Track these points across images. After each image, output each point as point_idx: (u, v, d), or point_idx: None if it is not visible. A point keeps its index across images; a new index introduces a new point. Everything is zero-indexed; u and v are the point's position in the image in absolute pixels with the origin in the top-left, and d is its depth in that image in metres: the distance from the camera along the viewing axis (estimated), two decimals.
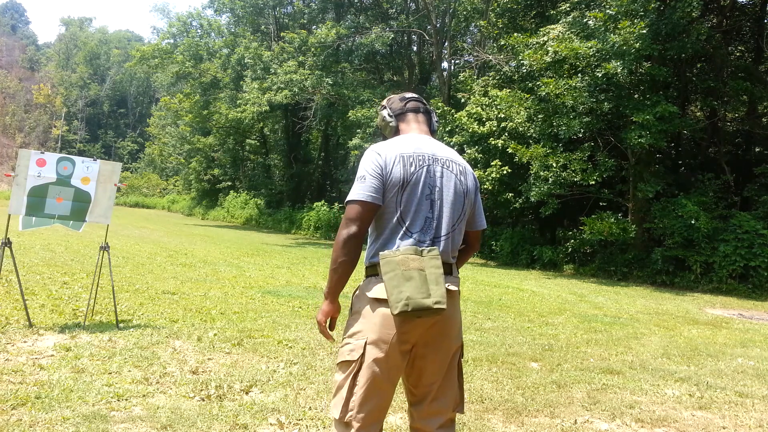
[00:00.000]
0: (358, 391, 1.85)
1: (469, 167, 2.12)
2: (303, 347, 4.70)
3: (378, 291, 1.88)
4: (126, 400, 3.22)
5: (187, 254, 11.48)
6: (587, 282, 12.54)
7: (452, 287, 1.94)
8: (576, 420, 3.44)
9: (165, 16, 55.86)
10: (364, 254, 2.00)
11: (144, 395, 3.32)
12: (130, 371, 3.73)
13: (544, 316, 7.26)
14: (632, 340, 6.08)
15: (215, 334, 4.91)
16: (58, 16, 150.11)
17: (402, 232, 1.91)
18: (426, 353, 1.94)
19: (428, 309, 1.78)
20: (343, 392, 1.87)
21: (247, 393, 3.51)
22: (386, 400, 1.92)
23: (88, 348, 4.16)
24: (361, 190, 1.90)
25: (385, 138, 2.17)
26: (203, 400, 3.34)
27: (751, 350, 5.93)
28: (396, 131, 2.14)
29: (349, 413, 1.85)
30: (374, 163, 1.93)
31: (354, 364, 1.87)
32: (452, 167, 2.03)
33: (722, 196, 13.26)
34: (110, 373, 3.65)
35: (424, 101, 2.20)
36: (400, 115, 2.14)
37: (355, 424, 1.85)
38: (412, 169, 1.94)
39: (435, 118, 2.20)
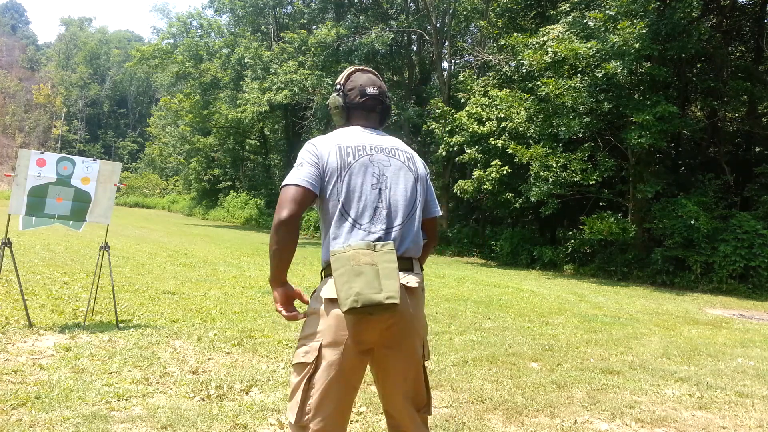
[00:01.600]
0: (314, 394, 1.78)
1: (416, 154, 2.08)
2: None
3: (330, 290, 1.79)
4: (126, 400, 3.22)
5: (187, 254, 11.48)
6: (587, 282, 12.53)
7: (412, 284, 1.86)
8: (576, 420, 3.44)
9: (165, 16, 55.84)
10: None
11: (144, 395, 3.32)
12: (130, 371, 3.73)
13: (544, 316, 7.25)
14: (632, 340, 6.07)
15: (215, 334, 4.91)
16: (58, 16, 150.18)
17: (348, 224, 1.85)
18: (387, 354, 1.87)
19: (379, 304, 1.68)
20: (298, 396, 1.80)
21: (247, 393, 3.51)
22: (345, 404, 1.86)
23: (88, 348, 4.16)
24: (297, 174, 1.85)
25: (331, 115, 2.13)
26: (203, 400, 3.34)
27: (751, 350, 5.93)
28: (344, 121, 2.07)
29: (306, 417, 1.78)
30: (310, 153, 1.89)
31: (309, 367, 1.80)
32: (398, 155, 1.99)
33: (722, 196, 13.26)
34: (110, 373, 3.65)
35: (386, 98, 2.09)
36: (352, 109, 2.04)
37: (312, 427, 1.78)
38: (350, 159, 1.89)
39: (390, 110, 2.13)
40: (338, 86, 2.08)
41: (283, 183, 1.86)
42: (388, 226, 1.88)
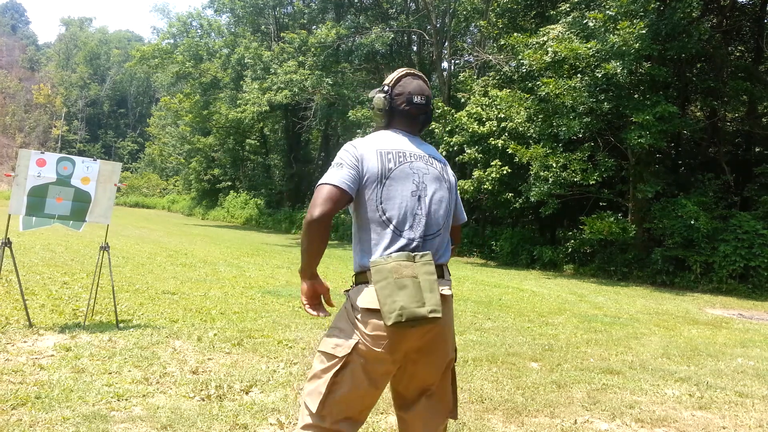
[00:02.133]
0: (339, 390, 1.79)
1: (448, 163, 2.11)
2: (303, 347, 4.70)
3: (369, 300, 1.79)
4: (126, 400, 3.22)
5: (187, 254, 11.48)
6: (587, 282, 12.53)
7: (446, 291, 1.88)
8: (576, 420, 3.44)
9: (165, 16, 55.84)
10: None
11: (144, 395, 3.32)
12: (130, 371, 3.73)
13: (544, 316, 7.26)
14: (632, 340, 6.08)
15: (215, 334, 4.91)
16: (58, 16, 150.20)
17: (390, 230, 1.84)
18: (419, 358, 1.89)
19: (423, 318, 1.72)
20: (322, 387, 1.80)
21: (247, 393, 3.51)
22: (369, 404, 1.87)
23: (88, 348, 4.16)
24: (335, 174, 1.83)
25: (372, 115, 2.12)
26: (203, 400, 3.34)
27: (751, 350, 5.93)
28: (385, 123, 2.05)
29: (326, 409, 1.79)
30: (350, 155, 1.88)
31: (338, 362, 1.80)
32: (435, 164, 2.01)
33: (722, 196, 13.27)
34: (110, 373, 3.65)
35: (430, 106, 2.07)
36: (395, 114, 2.02)
37: (330, 420, 1.80)
38: (391, 164, 1.89)
39: (431, 120, 2.13)
40: (386, 88, 2.03)
41: (320, 181, 1.84)
42: (426, 233, 1.89)
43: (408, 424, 1.96)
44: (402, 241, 1.84)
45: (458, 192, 2.14)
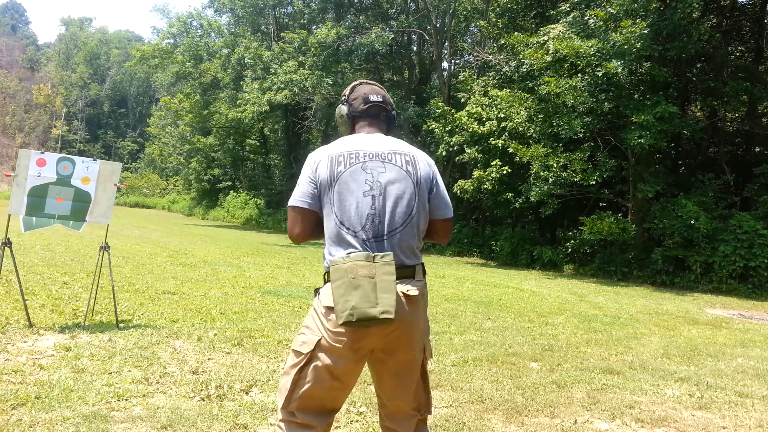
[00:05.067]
0: (304, 385, 1.86)
1: (421, 155, 2.02)
2: None
3: (329, 299, 1.83)
4: (126, 400, 3.23)
5: (187, 254, 11.48)
6: (587, 282, 12.53)
7: (412, 292, 1.87)
8: (576, 420, 3.44)
9: (165, 16, 55.63)
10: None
11: (144, 395, 3.32)
12: (130, 371, 3.73)
13: (544, 316, 7.26)
14: (632, 340, 6.08)
15: (215, 334, 4.91)
16: (58, 16, 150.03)
17: (344, 232, 1.88)
18: (385, 359, 1.92)
19: (374, 319, 1.72)
20: (288, 383, 1.88)
21: (247, 393, 3.51)
22: (337, 397, 1.92)
23: (88, 348, 4.16)
24: (294, 195, 1.97)
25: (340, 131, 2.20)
26: (203, 400, 3.34)
27: (751, 350, 5.93)
28: (349, 130, 2.13)
29: (293, 404, 1.87)
30: (306, 169, 1.98)
31: (303, 357, 1.86)
32: (396, 159, 1.96)
33: (722, 196, 13.26)
34: (110, 373, 3.65)
35: (389, 104, 2.13)
36: (357, 118, 2.10)
37: (299, 414, 1.87)
38: (340, 168, 1.91)
39: (395, 121, 2.16)
40: (344, 97, 2.15)
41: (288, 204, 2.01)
42: (381, 233, 1.88)
43: (384, 420, 2.04)
44: (356, 242, 1.86)
45: (438, 185, 2.01)
